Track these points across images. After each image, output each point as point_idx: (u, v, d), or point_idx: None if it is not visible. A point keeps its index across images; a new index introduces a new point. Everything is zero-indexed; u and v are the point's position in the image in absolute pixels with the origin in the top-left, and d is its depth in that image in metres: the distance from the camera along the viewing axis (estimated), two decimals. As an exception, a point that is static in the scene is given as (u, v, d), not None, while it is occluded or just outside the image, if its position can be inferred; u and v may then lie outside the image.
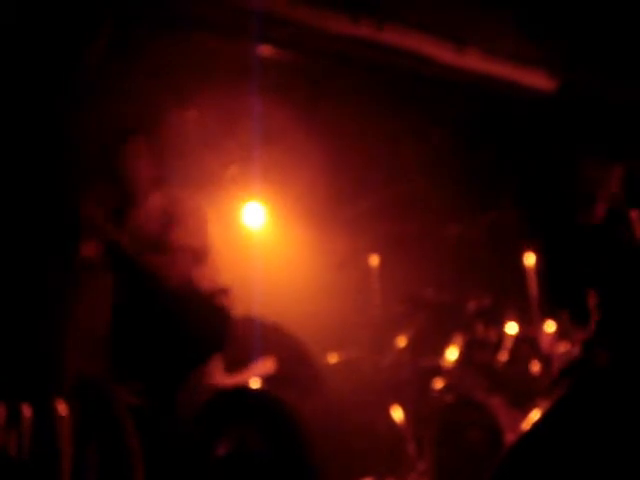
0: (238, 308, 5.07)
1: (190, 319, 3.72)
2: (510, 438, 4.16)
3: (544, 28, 4.15)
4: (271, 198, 6.03)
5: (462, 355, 4.82)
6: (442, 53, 4.17)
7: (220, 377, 4.68)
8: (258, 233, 6.13)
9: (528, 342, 4.65)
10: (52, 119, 3.36)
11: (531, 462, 2.24)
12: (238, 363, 4.73)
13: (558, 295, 4.34)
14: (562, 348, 4.53)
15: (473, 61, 4.27)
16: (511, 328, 4.72)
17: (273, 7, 3.96)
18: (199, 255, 3.93)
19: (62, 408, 2.82)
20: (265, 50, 4.31)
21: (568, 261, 3.83)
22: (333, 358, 5.88)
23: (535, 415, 2.38)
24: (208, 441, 3.80)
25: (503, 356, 4.64)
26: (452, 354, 4.83)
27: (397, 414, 5.21)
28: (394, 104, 4.99)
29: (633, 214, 3.12)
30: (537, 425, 2.35)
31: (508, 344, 4.66)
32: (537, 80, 4.46)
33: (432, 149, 5.24)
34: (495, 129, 4.95)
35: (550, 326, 4.67)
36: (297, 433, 3.91)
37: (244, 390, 4.19)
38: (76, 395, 3.44)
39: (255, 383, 4.36)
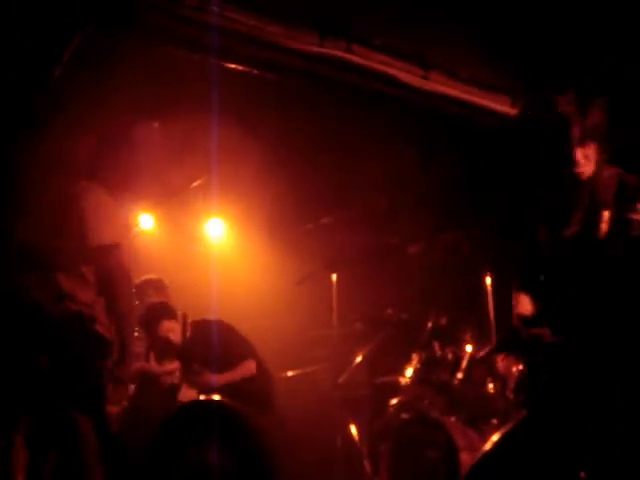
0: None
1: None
2: (465, 457, 4.20)
3: (507, 56, 4.25)
4: (233, 214, 6.03)
5: (419, 373, 4.83)
6: (408, 76, 4.22)
7: (207, 376, 4.69)
8: (219, 248, 6.13)
9: (484, 362, 4.69)
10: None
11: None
12: (220, 364, 4.73)
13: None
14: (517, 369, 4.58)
15: (438, 84, 4.33)
16: (468, 348, 4.76)
17: (240, 24, 3.98)
18: None
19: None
20: (231, 66, 4.32)
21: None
22: (290, 372, 5.88)
23: (494, 437, 2.42)
24: (171, 454, 3.77)
25: (459, 375, 4.67)
26: (409, 372, 4.85)
27: (353, 430, 5.23)
28: (358, 123, 5.03)
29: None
30: (496, 447, 2.40)
31: (464, 364, 4.70)
32: (500, 105, 4.55)
33: (395, 169, 5.29)
34: (458, 151, 5.02)
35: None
36: (256, 446, 3.90)
37: (205, 403, 4.17)
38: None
39: (215, 396, 4.35)
